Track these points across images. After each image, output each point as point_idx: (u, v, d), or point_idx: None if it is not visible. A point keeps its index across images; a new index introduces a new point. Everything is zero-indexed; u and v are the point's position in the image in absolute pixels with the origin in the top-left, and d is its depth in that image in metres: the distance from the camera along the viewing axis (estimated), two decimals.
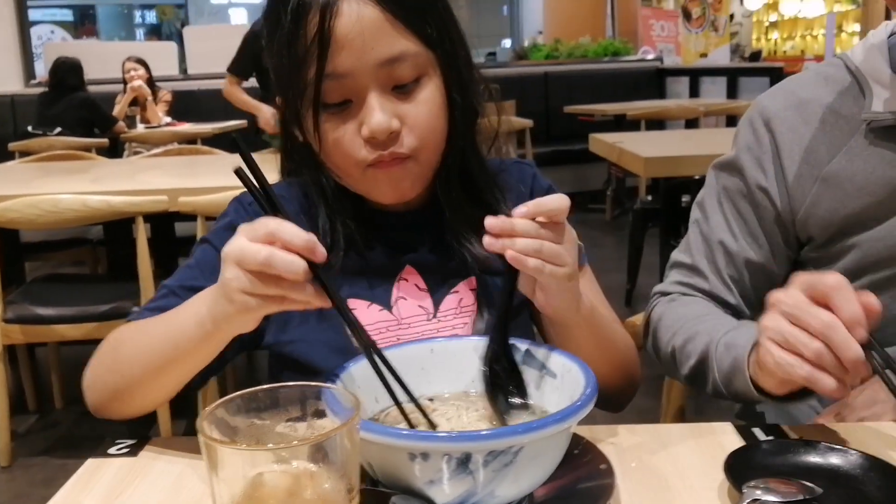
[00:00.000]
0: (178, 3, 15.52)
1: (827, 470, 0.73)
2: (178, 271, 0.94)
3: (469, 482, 0.62)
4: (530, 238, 0.72)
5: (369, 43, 0.80)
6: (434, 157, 0.89)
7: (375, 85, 0.82)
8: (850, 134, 0.98)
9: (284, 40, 0.83)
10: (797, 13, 13.90)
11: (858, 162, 0.97)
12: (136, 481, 0.78)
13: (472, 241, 0.92)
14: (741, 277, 1.07)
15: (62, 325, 2.37)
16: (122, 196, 2.25)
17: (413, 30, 0.83)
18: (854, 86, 0.99)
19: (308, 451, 0.54)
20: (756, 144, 1.05)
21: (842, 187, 0.98)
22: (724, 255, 1.07)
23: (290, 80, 0.84)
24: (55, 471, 2.49)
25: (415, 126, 0.85)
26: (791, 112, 1.02)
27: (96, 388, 0.87)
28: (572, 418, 0.64)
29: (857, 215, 0.98)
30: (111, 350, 0.87)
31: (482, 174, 0.95)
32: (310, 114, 0.84)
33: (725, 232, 1.07)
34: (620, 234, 4.57)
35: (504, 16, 15.58)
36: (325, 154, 0.87)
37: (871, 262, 0.99)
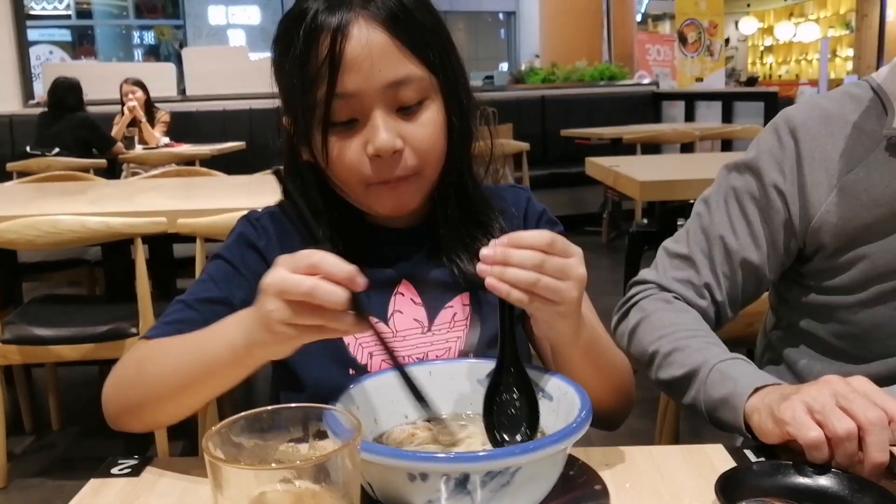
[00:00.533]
0: (177, 24, 15.63)
1: (816, 492, 0.74)
2: (191, 287, 0.96)
3: (467, 502, 0.63)
4: (525, 270, 0.71)
5: (377, 66, 0.85)
6: (434, 174, 0.93)
7: (381, 105, 0.87)
8: (871, 149, 1.02)
9: (297, 61, 0.87)
10: (792, 38, 14.05)
11: (876, 175, 1.01)
12: (138, 501, 0.79)
13: (464, 259, 0.96)
14: (734, 276, 1.09)
15: (60, 346, 2.38)
16: (120, 217, 2.26)
17: (417, 55, 0.88)
18: (878, 103, 1.03)
19: (311, 470, 0.55)
20: (779, 149, 1.07)
21: (857, 198, 1.01)
22: (723, 251, 1.09)
23: (300, 100, 0.88)
24: (52, 492, 2.48)
25: (417, 145, 0.89)
26: (816, 123, 1.05)
27: (117, 400, 0.89)
28: (568, 440, 0.65)
29: (869, 226, 1.01)
30: (135, 365, 0.88)
31: (477, 195, 0.99)
32: (318, 131, 0.88)
33: (727, 229, 1.09)
34: (616, 256, 4.59)
35: (501, 39, 15.71)
36: (331, 170, 0.91)
37: (878, 273, 1.01)
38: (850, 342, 1.05)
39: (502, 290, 0.71)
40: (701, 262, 1.10)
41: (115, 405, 0.89)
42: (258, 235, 0.97)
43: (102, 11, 15.82)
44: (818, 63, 12.57)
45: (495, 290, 0.72)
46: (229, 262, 0.96)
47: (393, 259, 0.98)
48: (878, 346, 1.03)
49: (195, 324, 0.89)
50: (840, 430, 0.75)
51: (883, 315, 1.01)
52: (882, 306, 1.01)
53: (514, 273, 0.71)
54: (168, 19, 15.86)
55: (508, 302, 0.73)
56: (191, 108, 6.54)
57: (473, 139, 0.97)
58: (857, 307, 1.03)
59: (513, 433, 0.76)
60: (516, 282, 0.71)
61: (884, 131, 1.00)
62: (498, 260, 0.71)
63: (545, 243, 0.72)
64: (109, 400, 0.89)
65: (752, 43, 15.18)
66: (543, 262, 0.72)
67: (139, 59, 15.47)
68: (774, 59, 15.09)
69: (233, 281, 0.94)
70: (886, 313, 1.01)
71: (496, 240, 0.73)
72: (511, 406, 0.77)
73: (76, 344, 2.37)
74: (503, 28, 15.92)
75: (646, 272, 1.17)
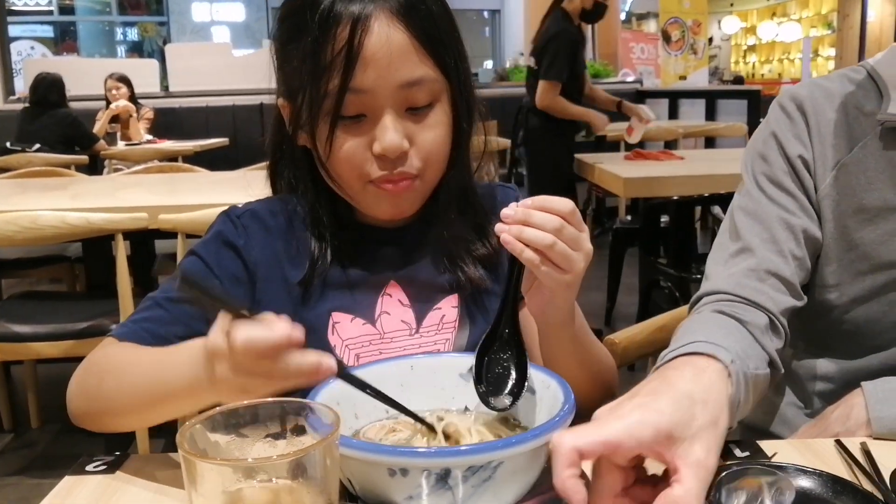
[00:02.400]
0: (160, 20, 15.52)
1: (798, 493, 0.73)
2: (163, 283, 0.94)
3: (448, 497, 0.62)
4: (544, 232, 0.73)
5: (394, 64, 0.83)
6: (436, 179, 0.92)
7: (392, 104, 0.85)
8: (867, 132, 1.01)
9: (308, 47, 0.84)
10: (774, 37, 14.13)
11: (871, 159, 1.01)
12: (113, 499, 0.77)
13: (465, 260, 0.95)
14: (802, 253, 1.00)
15: (39, 343, 2.34)
16: (101, 213, 2.23)
17: (433, 57, 0.86)
18: (874, 88, 1.03)
19: (288, 466, 0.54)
20: (790, 122, 1.05)
21: (856, 177, 1.01)
22: (786, 229, 1.00)
23: (308, 88, 0.85)
24: (30, 490, 2.45)
25: (422, 148, 0.87)
26: (820, 99, 1.05)
27: (78, 404, 0.87)
28: (551, 434, 0.64)
29: (863, 210, 1.00)
30: (96, 375, 0.86)
31: (475, 196, 0.98)
32: (325, 122, 0.86)
33: (780, 209, 1.01)
34: (600, 253, 4.58)
35: (486, 37, 15.69)
36: (331, 163, 0.89)
37: (871, 265, 1.00)
38: (844, 339, 1.05)
39: (516, 248, 0.74)
40: (761, 248, 0.98)
41: (77, 408, 0.87)
42: (237, 234, 0.94)
43: (85, 7, 15.67)
44: (800, 62, 12.65)
45: (509, 246, 0.74)
46: (203, 259, 0.93)
47: (381, 259, 0.96)
48: (870, 341, 1.02)
49: (163, 322, 0.89)
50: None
51: (876, 311, 1.01)
52: (875, 301, 1.01)
53: (532, 233, 0.73)
54: (151, 16, 15.72)
55: (519, 262, 0.75)
56: (174, 105, 6.49)
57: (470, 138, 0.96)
58: (851, 304, 1.02)
59: (498, 390, 0.76)
60: (534, 241, 0.73)
61: (878, 116, 1.00)
62: (518, 219, 0.73)
63: (568, 211, 0.75)
64: (72, 401, 0.88)
65: (734, 42, 15.25)
66: (562, 227, 0.74)
67: (122, 55, 15.33)
68: (757, 58, 15.17)
69: (205, 280, 0.92)
70: (879, 308, 1.01)
71: (529, 199, 0.75)
72: (500, 364, 0.77)
73: (56, 341, 2.34)
74: (487, 26, 15.91)
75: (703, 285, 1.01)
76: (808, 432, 0.97)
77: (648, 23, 12.31)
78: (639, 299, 3.85)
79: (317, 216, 0.94)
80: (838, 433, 0.90)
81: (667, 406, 0.64)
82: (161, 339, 0.88)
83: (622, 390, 0.96)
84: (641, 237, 3.90)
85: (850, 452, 0.82)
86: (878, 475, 0.76)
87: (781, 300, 0.96)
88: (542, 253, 0.74)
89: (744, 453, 0.83)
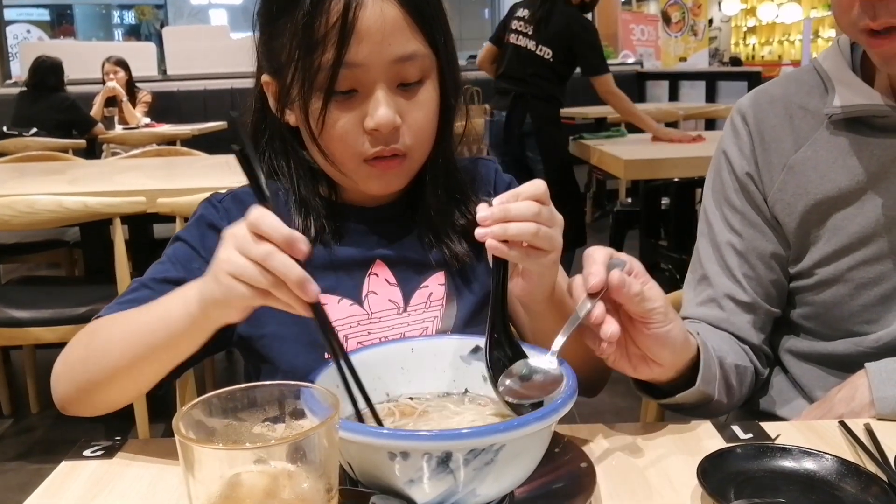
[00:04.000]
0: (158, 3, 15.42)
1: (802, 474, 0.73)
2: (150, 268, 0.94)
3: (450, 481, 0.62)
4: (526, 221, 0.73)
5: (387, 38, 0.83)
6: (424, 156, 0.92)
7: (384, 79, 0.85)
8: (815, 127, 1.04)
9: (300, 23, 0.83)
10: (774, 18, 14.05)
11: (822, 152, 1.03)
12: (111, 484, 0.77)
13: (450, 236, 0.95)
14: (755, 272, 1.07)
15: (38, 328, 2.33)
16: (99, 197, 2.22)
17: (424, 33, 0.86)
18: (821, 84, 1.06)
19: (286, 450, 0.53)
20: (736, 136, 1.10)
21: (806, 175, 1.04)
22: (735, 254, 1.08)
23: (299, 62, 0.85)
24: (30, 475, 2.45)
25: (413, 124, 0.88)
26: (763, 106, 1.09)
27: (65, 380, 0.86)
28: (553, 416, 0.64)
29: (821, 203, 1.02)
30: (83, 344, 0.86)
31: (456, 171, 0.98)
32: (317, 98, 0.85)
33: (729, 232, 1.09)
34: (601, 235, 4.58)
35: (485, 19, 15.63)
36: (323, 140, 0.88)
37: (833, 250, 1.02)
38: (816, 322, 1.07)
39: (503, 251, 0.74)
40: (716, 275, 1.08)
41: (64, 393, 0.86)
42: (219, 217, 0.94)
43: None
44: (800, 44, 12.58)
45: (496, 251, 0.74)
46: (188, 243, 0.93)
47: (366, 239, 0.96)
48: (841, 324, 1.04)
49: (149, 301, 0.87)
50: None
51: (843, 294, 1.03)
52: (839, 285, 1.02)
53: (516, 228, 0.73)
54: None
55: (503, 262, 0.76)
56: (172, 88, 6.47)
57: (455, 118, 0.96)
58: (817, 288, 1.05)
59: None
60: (520, 234, 0.73)
61: (825, 110, 1.03)
62: (498, 217, 0.73)
63: (541, 192, 0.76)
64: (58, 380, 0.86)
65: (734, 23, 15.16)
66: (539, 210, 0.74)
67: (119, 38, 15.25)
68: (757, 39, 15.07)
69: (191, 262, 0.92)
70: (845, 291, 1.02)
71: (494, 199, 0.74)
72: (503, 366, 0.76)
73: (55, 326, 2.33)
74: (486, 8, 15.83)
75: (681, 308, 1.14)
76: (811, 414, 0.97)
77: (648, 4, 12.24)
78: None
79: (300, 196, 0.94)
80: (842, 414, 0.90)
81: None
82: None
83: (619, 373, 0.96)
84: (642, 220, 3.89)
85: (854, 433, 0.81)
86: (882, 456, 0.76)
87: (740, 321, 1.07)
88: (527, 243, 0.75)
89: (747, 435, 0.83)
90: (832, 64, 1.05)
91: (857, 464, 0.73)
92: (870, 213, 1.00)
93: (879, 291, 1.01)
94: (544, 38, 3.74)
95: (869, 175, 1.00)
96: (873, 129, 1.01)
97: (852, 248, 1.01)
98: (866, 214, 1.00)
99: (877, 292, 1.01)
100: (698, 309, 1.09)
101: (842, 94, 1.01)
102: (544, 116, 3.80)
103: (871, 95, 0.99)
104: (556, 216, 0.77)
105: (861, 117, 1.01)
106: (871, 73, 1.02)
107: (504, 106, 3.84)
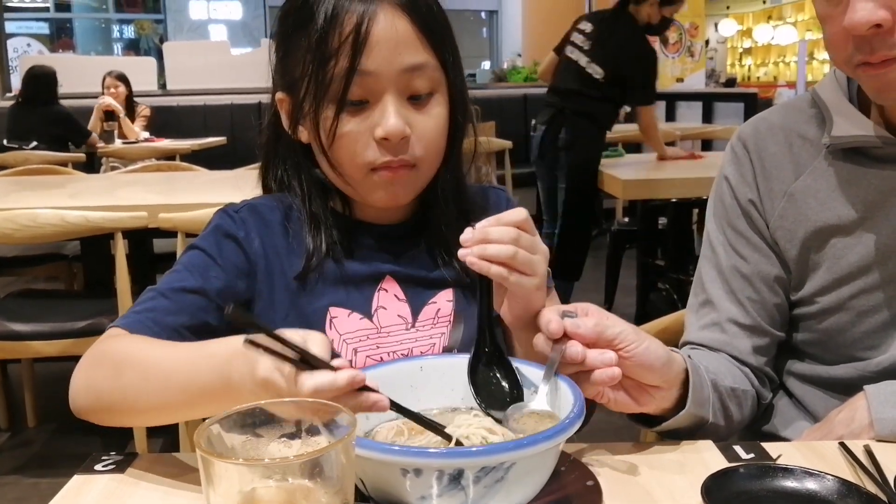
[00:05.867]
0: (157, 18, 15.47)
1: (804, 495, 0.74)
2: (165, 277, 0.94)
3: (461, 498, 0.63)
4: (504, 245, 0.76)
5: (399, 49, 0.87)
6: (432, 170, 0.94)
7: (395, 89, 0.88)
8: (814, 156, 1.06)
9: (315, 37, 0.87)
10: (770, 40, 14.15)
11: (822, 181, 1.04)
12: (123, 498, 0.77)
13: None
14: (760, 295, 1.08)
15: (37, 342, 2.33)
16: (100, 212, 2.23)
17: (434, 47, 0.90)
18: (819, 114, 1.07)
19: (305, 466, 0.54)
20: (737, 164, 1.11)
21: (806, 203, 1.05)
22: (739, 277, 1.09)
23: (313, 74, 0.88)
24: (27, 490, 2.44)
25: (422, 136, 0.90)
26: (764, 134, 1.10)
27: (87, 397, 0.86)
28: (562, 435, 0.65)
29: (821, 231, 1.04)
30: (111, 366, 0.85)
31: (467, 193, 1.00)
32: (329, 108, 0.88)
33: (734, 257, 1.10)
34: (598, 255, 4.60)
35: (483, 38, 15.71)
36: (333, 151, 0.90)
37: (834, 279, 1.03)
38: (818, 348, 1.08)
39: (483, 267, 0.77)
40: (720, 298, 1.09)
41: (84, 403, 0.86)
42: (236, 227, 0.95)
43: (81, 4, 15.61)
44: (796, 65, 12.66)
45: (476, 266, 0.76)
46: (205, 251, 0.94)
47: (377, 254, 0.97)
48: (843, 350, 1.05)
49: (169, 312, 0.89)
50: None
51: (844, 321, 1.04)
52: (842, 312, 1.03)
53: (494, 248, 0.77)
54: (148, 13, 15.68)
55: (487, 280, 0.79)
56: (171, 103, 6.48)
57: (464, 137, 0.98)
58: (819, 316, 1.06)
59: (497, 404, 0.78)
60: (497, 256, 0.76)
61: (823, 140, 1.04)
62: (477, 239, 0.77)
63: (522, 219, 0.79)
64: (78, 396, 0.86)
65: (731, 45, 15.27)
66: (518, 236, 0.78)
67: (118, 53, 15.29)
68: (753, 60, 15.19)
69: (209, 271, 0.92)
70: (846, 319, 1.03)
71: (477, 224, 0.78)
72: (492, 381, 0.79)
73: (54, 339, 2.33)
74: (485, 27, 15.92)
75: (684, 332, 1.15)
76: (812, 435, 0.98)
77: None
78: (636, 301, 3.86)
79: (311, 212, 0.95)
80: (842, 436, 0.91)
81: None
82: (169, 329, 0.88)
83: None
84: (639, 239, 3.91)
85: (854, 454, 0.82)
86: (882, 477, 0.77)
87: (743, 344, 1.07)
88: (506, 264, 0.77)
89: (748, 455, 0.84)
90: (829, 94, 1.06)
91: (858, 484, 0.74)
92: (869, 242, 1.01)
93: (881, 319, 1.02)
94: (599, 56, 3.60)
95: (867, 205, 1.01)
96: (871, 159, 1.02)
97: (852, 277, 1.02)
98: (865, 244, 1.01)
99: (878, 319, 1.02)
100: (701, 333, 1.10)
101: (839, 124, 1.03)
102: (580, 135, 3.64)
103: (867, 126, 1.01)
104: (539, 244, 0.81)
105: (859, 148, 1.02)
106: (868, 104, 1.03)
107: (545, 120, 3.74)
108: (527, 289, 0.79)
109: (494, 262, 0.77)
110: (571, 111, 3.65)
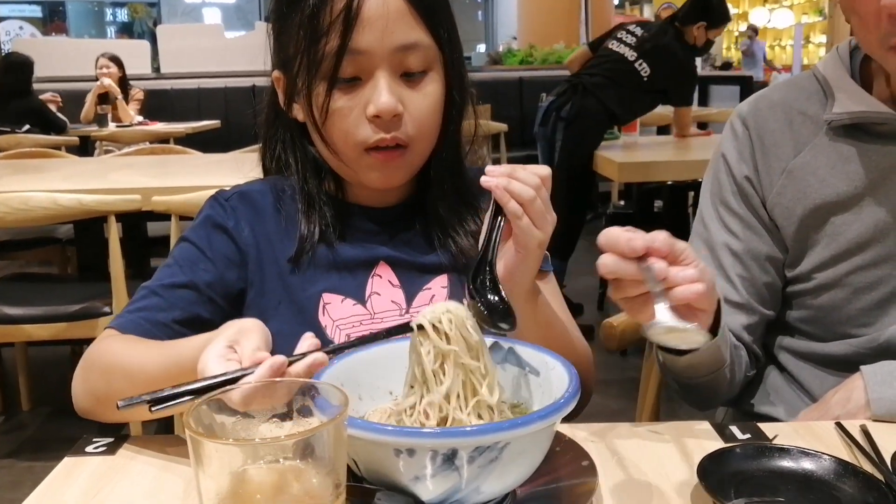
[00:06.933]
0: (151, 1, 15.37)
1: (800, 474, 0.74)
2: (157, 271, 0.94)
3: (454, 478, 0.62)
4: (527, 186, 0.78)
5: (390, 27, 0.86)
6: (426, 150, 0.93)
7: (387, 67, 0.87)
8: (815, 133, 1.06)
9: (307, 14, 0.86)
10: (766, 23, 14.12)
11: (821, 158, 1.04)
12: (114, 479, 0.77)
13: (459, 234, 0.96)
14: (750, 272, 1.09)
15: (30, 325, 2.32)
16: (94, 195, 2.22)
17: (428, 25, 0.89)
18: (820, 91, 1.07)
19: (296, 446, 0.53)
20: (736, 140, 1.11)
21: (805, 180, 1.05)
22: (730, 255, 1.09)
23: (305, 51, 0.87)
24: (22, 473, 2.45)
25: (415, 114, 0.89)
26: (763, 111, 1.10)
27: (86, 400, 0.89)
28: (556, 415, 0.64)
29: (819, 208, 1.04)
30: (103, 370, 0.86)
31: (465, 175, 0.98)
32: (321, 86, 0.87)
33: (725, 233, 1.10)
34: (593, 238, 4.58)
35: (479, 21, 15.65)
36: (327, 129, 0.89)
37: (831, 255, 1.04)
38: (813, 325, 1.08)
39: (503, 197, 0.78)
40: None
41: (85, 405, 0.89)
42: (226, 216, 0.95)
43: None
44: (792, 49, 12.64)
45: (497, 193, 0.78)
46: (195, 244, 0.94)
47: (371, 239, 0.97)
48: (838, 327, 1.05)
49: (160, 309, 0.89)
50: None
51: (841, 298, 1.04)
52: (838, 289, 1.04)
53: (518, 186, 0.78)
54: None
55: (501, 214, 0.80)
56: (165, 86, 6.45)
57: (463, 118, 0.97)
58: (815, 292, 1.06)
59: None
60: (518, 193, 0.78)
61: (824, 116, 1.04)
62: (504, 173, 0.79)
63: (546, 174, 0.81)
64: (78, 398, 0.89)
65: (727, 28, 15.25)
66: (540, 187, 0.80)
67: (112, 36, 15.18)
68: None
69: (198, 264, 0.92)
70: (842, 296, 1.04)
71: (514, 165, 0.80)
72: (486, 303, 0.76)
73: (47, 323, 2.32)
74: (480, 10, 15.85)
75: None
76: (808, 415, 0.98)
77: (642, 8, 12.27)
78: None
79: (307, 192, 0.95)
80: (839, 416, 0.91)
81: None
82: (161, 326, 0.88)
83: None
84: (635, 222, 3.90)
85: (851, 434, 0.82)
86: (879, 457, 0.77)
87: (732, 321, 1.07)
88: (523, 206, 0.78)
89: (744, 435, 0.84)
90: (832, 71, 1.06)
91: (854, 464, 0.74)
92: (868, 218, 1.01)
93: (877, 296, 1.02)
94: (650, 58, 3.61)
95: (868, 181, 1.01)
96: (872, 136, 1.02)
97: (850, 254, 1.02)
98: (864, 220, 1.01)
99: (874, 296, 1.02)
100: None
101: (841, 100, 1.03)
102: (586, 110, 3.62)
103: (871, 103, 1.01)
104: (551, 210, 0.81)
105: (860, 124, 1.02)
106: (870, 81, 1.03)
107: (557, 92, 3.75)
108: (532, 241, 0.80)
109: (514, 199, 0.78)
110: (587, 86, 3.64)
